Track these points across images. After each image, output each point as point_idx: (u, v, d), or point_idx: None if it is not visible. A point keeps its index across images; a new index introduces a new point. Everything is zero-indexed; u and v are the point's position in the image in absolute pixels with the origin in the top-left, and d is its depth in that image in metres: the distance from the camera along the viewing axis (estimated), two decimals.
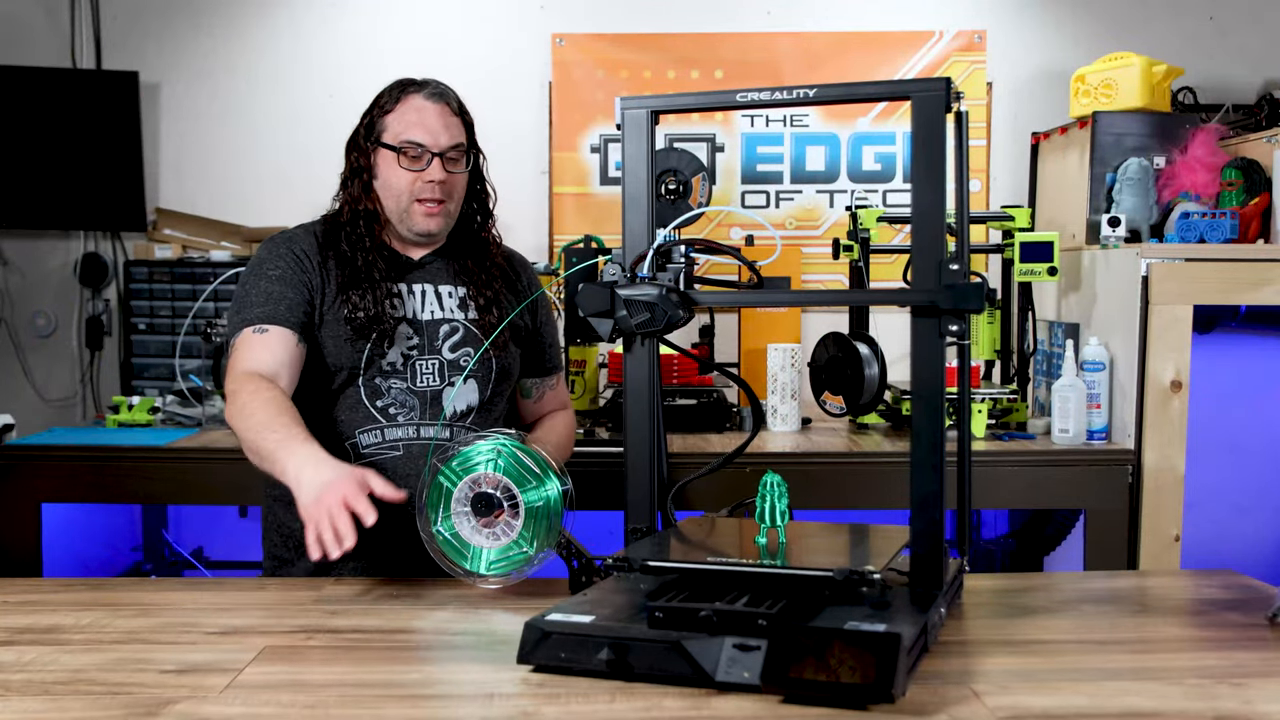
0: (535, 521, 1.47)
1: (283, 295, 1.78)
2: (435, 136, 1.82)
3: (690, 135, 3.55)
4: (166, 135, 3.61)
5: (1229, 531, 2.88)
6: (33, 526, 2.68)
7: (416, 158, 1.82)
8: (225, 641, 1.34)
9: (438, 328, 1.86)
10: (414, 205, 1.83)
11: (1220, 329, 2.82)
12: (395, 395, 1.82)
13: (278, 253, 1.83)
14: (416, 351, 1.84)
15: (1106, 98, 3.03)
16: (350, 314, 1.78)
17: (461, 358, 1.86)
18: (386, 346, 1.81)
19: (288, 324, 1.76)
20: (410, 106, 1.84)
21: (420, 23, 3.59)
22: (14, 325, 3.63)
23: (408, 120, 1.83)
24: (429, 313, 1.87)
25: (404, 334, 1.83)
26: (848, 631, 1.11)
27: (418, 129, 1.82)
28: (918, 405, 1.30)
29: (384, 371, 1.82)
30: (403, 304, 1.85)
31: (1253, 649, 1.30)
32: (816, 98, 1.35)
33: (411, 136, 1.81)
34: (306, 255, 1.83)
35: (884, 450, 2.69)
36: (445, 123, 1.84)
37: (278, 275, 1.80)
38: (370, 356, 1.80)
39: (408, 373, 1.83)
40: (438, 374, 1.84)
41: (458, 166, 1.85)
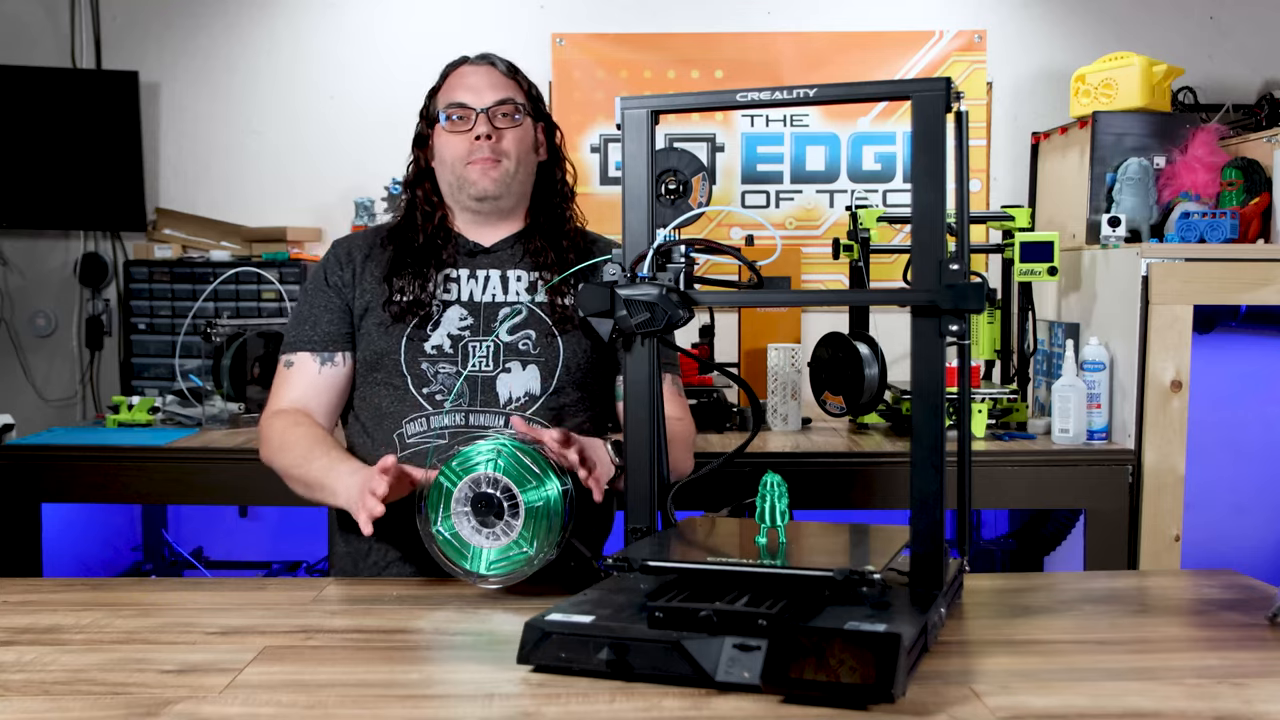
0: (535, 521, 1.46)
1: (310, 312, 1.79)
2: (478, 94, 1.76)
3: (690, 135, 3.55)
4: (166, 135, 3.61)
5: (1229, 531, 2.88)
6: (33, 526, 2.68)
7: (462, 119, 1.76)
8: (225, 641, 1.33)
9: (496, 310, 1.78)
10: (467, 168, 1.77)
11: (1220, 329, 2.83)
12: (443, 380, 1.74)
13: (325, 257, 1.85)
14: (469, 332, 1.76)
15: (1106, 98, 3.03)
16: (390, 299, 1.75)
17: (521, 340, 1.76)
18: (430, 329, 1.75)
19: (309, 346, 1.78)
20: (454, 76, 1.81)
21: (420, 23, 3.59)
22: (14, 325, 3.63)
23: (450, 86, 1.80)
24: (489, 295, 1.79)
25: (455, 316, 1.77)
26: (848, 631, 1.11)
27: (460, 90, 1.77)
28: (918, 405, 1.30)
29: (428, 355, 1.74)
30: (458, 287, 1.78)
31: (1253, 649, 1.30)
32: (816, 98, 1.35)
33: (453, 98, 1.77)
34: (350, 252, 1.82)
35: (884, 450, 2.69)
36: (491, 81, 1.78)
37: (313, 288, 1.81)
38: (410, 339, 1.74)
39: (458, 355, 1.75)
40: (491, 358, 1.75)
41: (509, 122, 1.78)
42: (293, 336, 1.81)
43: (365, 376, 1.79)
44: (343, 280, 1.80)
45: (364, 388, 1.80)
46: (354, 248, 1.83)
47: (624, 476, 1.47)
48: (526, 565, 1.48)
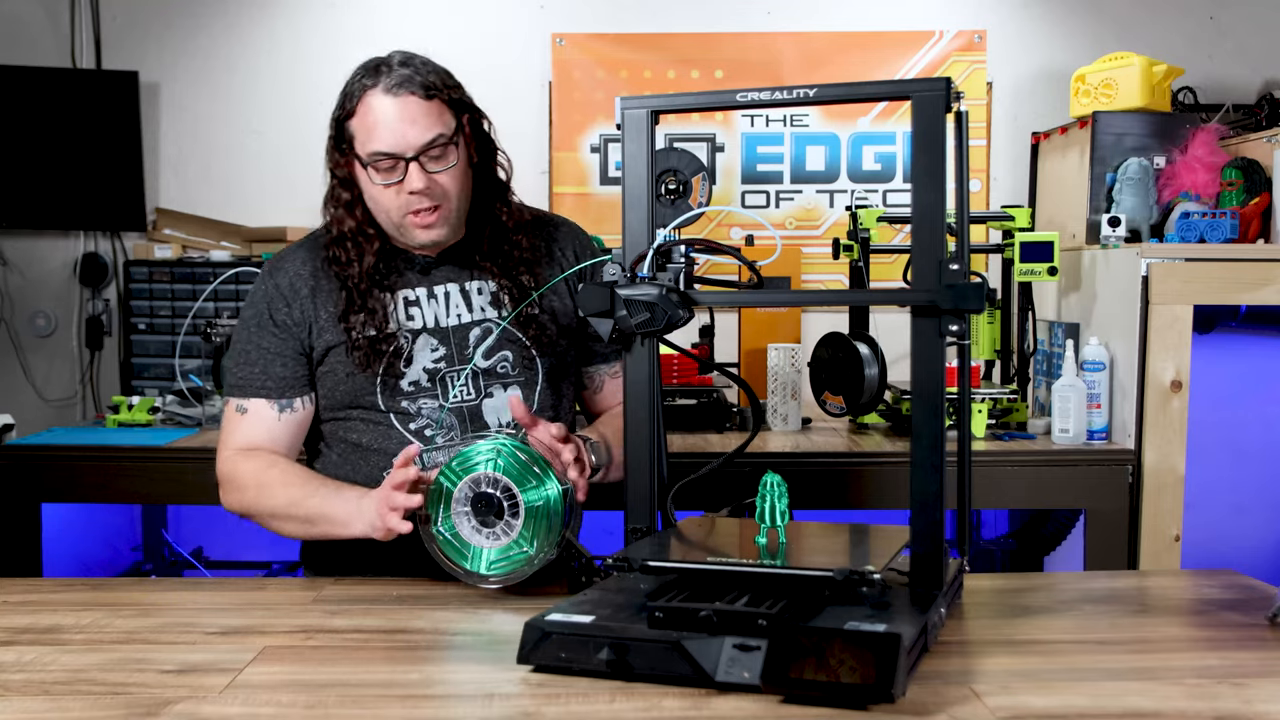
0: (535, 521, 1.46)
1: (260, 355, 1.67)
2: (403, 139, 1.56)
3: (690, 135, 3.55)
4: (166, 135, 3.61)
5: (1229, 531, 2.88)
6: (33, 526, 2.68)
7: (389, 168, 1.58)
8: (225, 641, 1.33)
9: (466, 333, 1.69)
10: (406, 220, 1.61)
11: (1220, 329, 2.82)
12: (429, 415, 1.67)
13: (263, 289, 1.69)
14: (445, 363, 1.67)
15: (1106, 98, 3.03)
16: (352, 342, 1.63)
17: (499, 363, 1.68)
18: (404, 365, 1.65)
19: (265, 393, 1.67)
20: (368, 110, 1.58)
21: (420, 23, 3.59)
22: (14, 325, 3.63)
23: (367, 127, 1.57)
24: (455, 317, 1.69)
25: (426, 346, 1.67)
26: (848, 631, 1.11)
27: (381, 136, 1.56)
28: (918, 405, 1.30)
29: (407, 393, 1.66)
30: (420, 312, 1.68)
31: (1253, 649, 1.30)
32: (816, 98, 1.35)
33: (376, 147, 1.57)
34: (292, 286, 1.67)
35: (884, 450, 2.69)
36: (413, 118, 1.56)
37: (257, 324, 1.68)
38: (385, 380, 1.65)
39: (437, 389, 1.66)
40: (471, 385, 1.67)
41: (444, 161, 1.59)
42: (242, 379, 1.68)
43: (336, 413, 1.70)
44: (292, 319, 1.67)
45: (334, 423, 1.72)
46: (296, 279, 1.68)
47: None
48: (527, 565, 1.48)
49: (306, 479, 1.63)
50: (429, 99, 1.58)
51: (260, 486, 1.64)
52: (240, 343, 1.70)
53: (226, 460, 1.69)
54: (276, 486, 1.63)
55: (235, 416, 1.70)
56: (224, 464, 1.70)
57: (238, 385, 1.70)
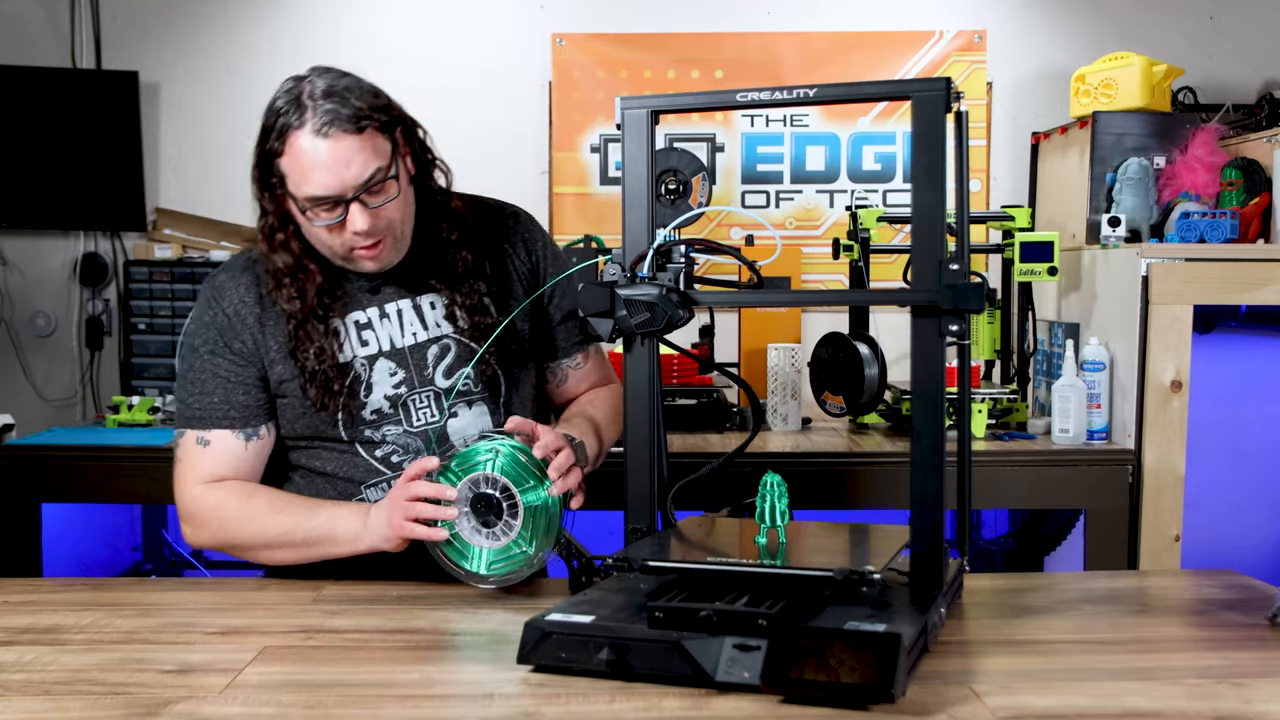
0: (534, 521, 1.47)
1: (216, 385, 1.59)
2: (340, 181, 1.47)
3: (690, 135, 3.55)
4: (166, 135, 3.61)
5: (1229, 531, 2.88)
6: (33, 526, 2.68)
7: (329, 208, 1.49)
8: (225, 641, 1.33)
9: (424, 351, 1.63)
10: (352, 254, 1.55)
11: (1220, 329, 2.83)
12: (394, 440, 1.62)
13: (209, 315, 1.61)
14: (405, 386, 1.61)
15: (1106, 98, 3.03)
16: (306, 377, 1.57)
17: (460, 382, 1.63)
18: (365, 394, 1.60)
19: (228, 423, 1.60)
20: (298, 152, 1.47)
21: (420, 23, 3.59)
22: (14, 325, 3.63)
23: (300, 170, 1.48)
24: (410, 336, 1.63)
25: (384, 370, 1.61)
26: (848, 631, 1.11)
27: (316, 178, 1.47)
28: (918, 405, 1.30)
29: (369, 421, 1.60)
30: (374, 335, 1.61)
31: (1253, 649, 1.30)
32: (816, 98, 1.35)
33: (313, 191, 1.47)
34: (239, 314, 1.60)
35: (884, 450, 2.69)
36: (348, 158, 1.47)
37: (208, 351, 1.61)
38: (346, 410, 1.59)
39: (399, 414, 1.61)
40: (434, 407, 1.62)
41: (385, 194, 1.51)
42: (201, 410, 1.60)
43: (298, 442, 1.65)
44: (246, 347, 1.60)
45: (299, 452, 1.66)
46: (242, 307, 1.61)
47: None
48: (525, 565, 1.48)
49: (297, 503, 1.59)
50: (360, 131, 1.48)
51: (244, 517, 1.58)
52: (194, 371, 1.61)
53: (192, 495, 1.60)
54: (265, 515, 1.57)
55: (197, 449, 1.60)
56: (190, 499, 1.60)
57: (197, 417, 1.60)
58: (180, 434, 1.62)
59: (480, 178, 1.87)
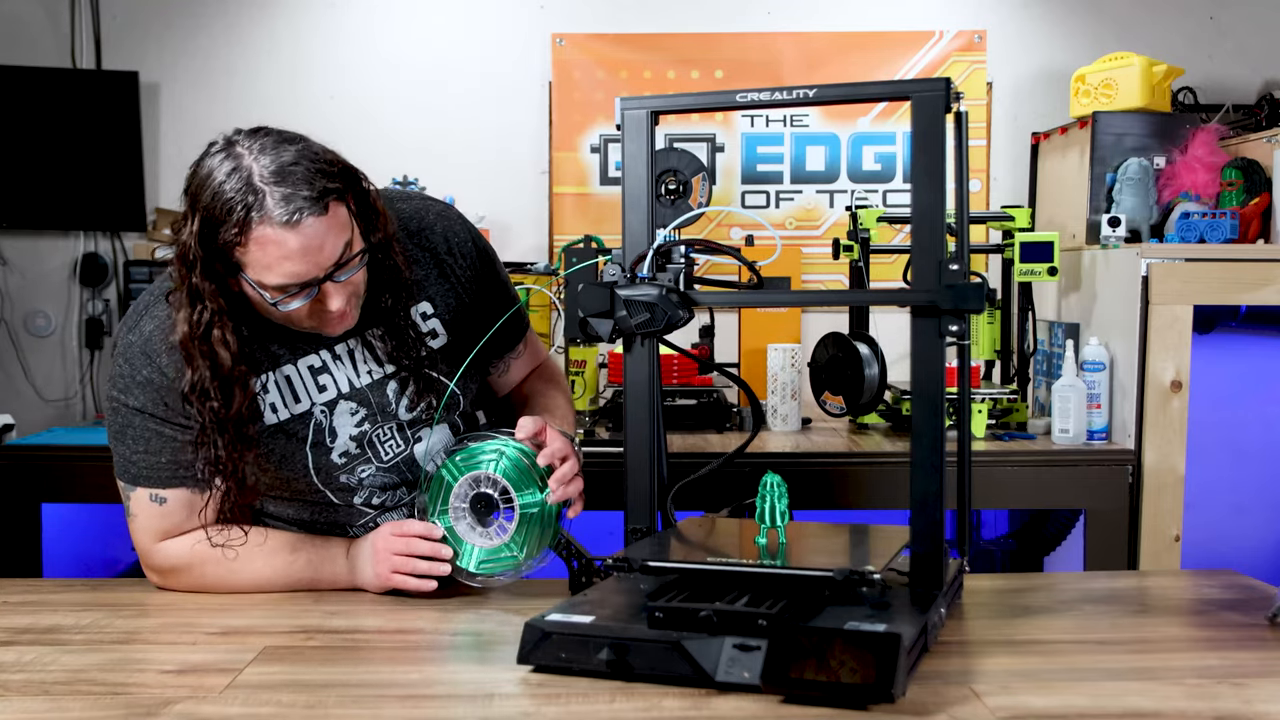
0: (529, 527, 1.47)
1: (162, 445, 1.48)
2: (315, 265, 1.36)
3: (690, 135, 3.55)
4: (166, 135, 3.61)
5: (1229, 531, 2.88)
6: (33, 526, 2.68)
7: (300, 291, 1.39)
8: (225, 641, 1.33)
9: (383, 387, 1.56)
10: (321, 323, 1.46)
11: (1220, 329, 2.83)
12: (369, 482, 1.57)
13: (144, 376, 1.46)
14: (368, 424, 1.55)
15: (1106, 98, 3.03)
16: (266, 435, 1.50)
17: (421, 411, 1.57)
18: (330, 440, 1.53)
19: (183, 481, 1.49)
20: (264, 243, 1.34)
21: (420, 23, 3.59)
22: (14, 325, 3.63)
23: (266, 262, 1.35)
24: (366, 374, 1.55)
25: (345, 411, 1.53)
26: (848, 631, 1.11)
27: (289, 267, 1.35)
28: (918, 405, 1.30)
29: (340, 466, 1.55)
30: (330, 378, 1.53)
31: (1253, 649, 1.30)
32: (816, 98, 1.35)
33: (285, 280, 1.36)
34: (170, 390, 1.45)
35: (884, 450, 2.69)
36: (320, 243, 1.36)
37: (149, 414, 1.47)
38: (314, 462, 1.53)
39: (368, 452, 1.56)
40: (400, 438, 1.57)
41: (354, 264, 1.41)
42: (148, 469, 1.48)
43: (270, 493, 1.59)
44: (188, 414, 1.44)
45: (273, 502, 1.62)
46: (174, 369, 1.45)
47: None
48: (514, 570, 1.48)
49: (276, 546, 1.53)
50: (325, 211, 1.36)
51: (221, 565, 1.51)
52: (134, 429, 1.48)
53: (156, 549, 1.51)
54: (243, 563, 1.51)
55: (151, 507, 1.50)
56: (154, 552, 1.51)
57: (145, 476, 1.49)
58: (130, 489, 1.51)
59: (480, 178, 1.86)
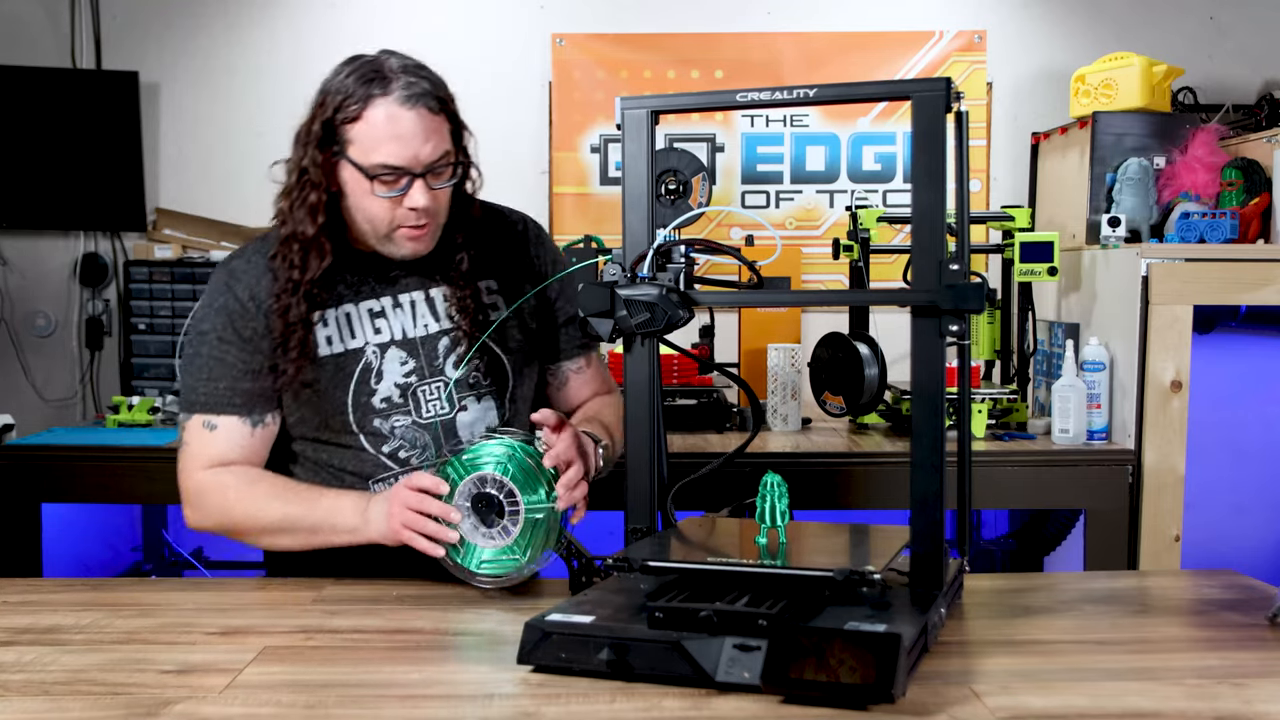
0: (533, 530, 1.46)
1: (224, 371, 1.58)
2: (416, 154, 1.50)
3: (690, 135, 3.55)
4: (166, 135, 3.61)
5: (1229, 531, 2.88)
6: (33, 526, 2.68)
7: (393, 180, 1.51)
8: (225, 641, 1.33)
9: (436, 343, 1.63)
10: (396, 232, 1.55)
11: (1220, 329, 2.83)
12: (402, 434, 1.61)
13: (221, 301, 1.60)
14: (415, 376, 1.61)
15: (1106, 98, 3.03)
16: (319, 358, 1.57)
17: (470, 374, 1.63)
18: (375, 381, 1.59)
19: (234, 409, 1.58)
20: (381, 117, 1.48)
21: (420, 23, 3.59)
22: (14, 325, 3.63)
23: (378, 136, 1.49)
24: (422, 327, 1.63)
25: (395, 359, 1.61)
26: (848, 632, 1.11)
27: (394, 149, 1.49)
28: (918, 405, 1.30)
29: (378, 410, 1.60)
30: (386, 323, 1.62)
31: (1253, 649, 1.30)
32: (816, 98, 1.35)
33: (385, 159, 1.49)
34: (253, 297, 1.59)
35: (884, 450, 2.69)
36: (426, 132, 1.50)
37: (216, 337, 1.59)
38: (356, 397, 1.59)
39: (409, 404, 1.61)
40: (446, 400, 1.62)
41: (444, 178, 1.54)
42: (207, 395, 1.58)
43: (305, 432, 1.64)
44: (256, 332, 1.58)
45: (305, 443, 1.66)
46: (255, 290, 1.60)
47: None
48: (516, 572, 1.48)
49: (299, 491, 1.58)
50: (438, 113, 1.52)
51: (248, 502, 1.57)
52: (201, 356, 1.60)
53: (196, 479, 1.59)
54: (268, 500, 1.56)
55: (203, 433, 1.59)
56: (194, 482, 1.59)
57: (202, 402, 1.59)
58: (186, 418, 1.61)
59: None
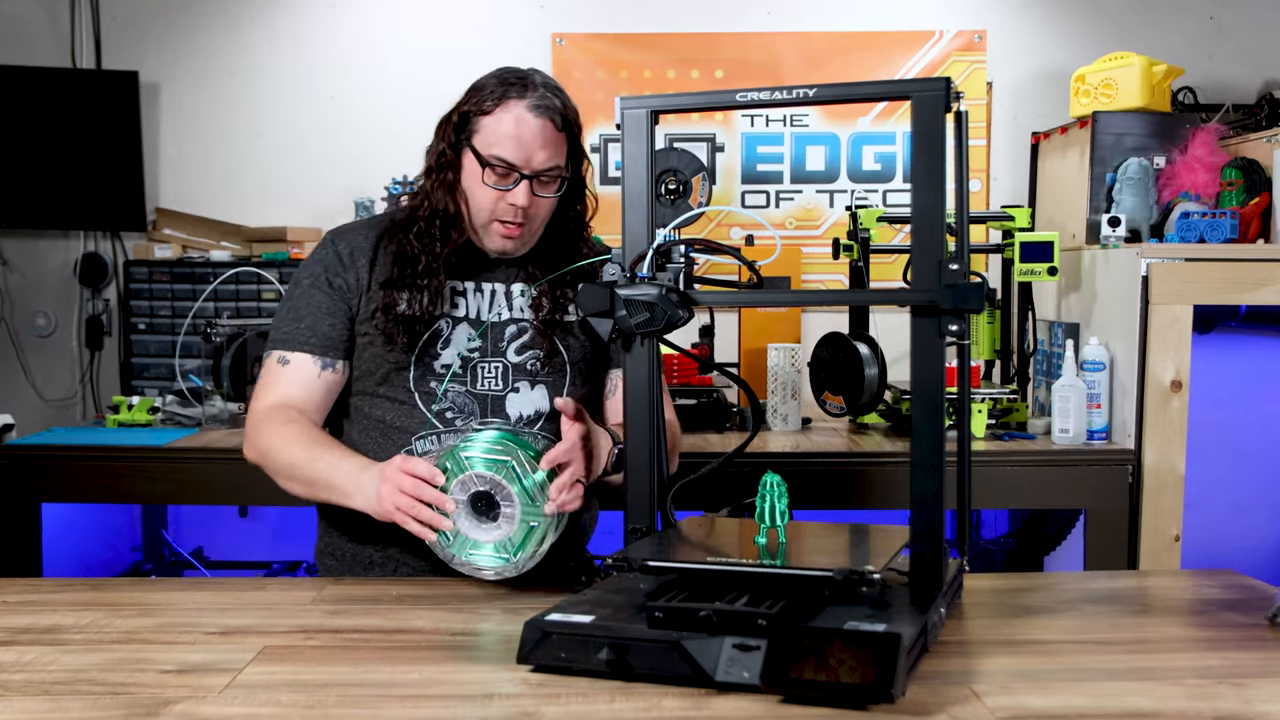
0: (527, 533, 1.46)
1: (308, 311, 1.71)
2: (529, 156, 1.64)
3: (690, 135, 3.55)
4: (166, 135, 3.61)
5: (1229, 531, 2.88)
6: (33, 526, 2.68)
7: (503, 174, 1.65)
8: (225, 641, 1.33)
9: (503, 329, 1.74)
10: (492, 224, 1.68)
11: (1220, 329, 2.83)
12: (453, 399, 1.70)
13: (321, 254, 1.75)
14: (478, 354, 1.72)
15: (1106, 98, 3.03)
16: (397, 313, 1.68)
17: (529, 360, 1.73)
18: (440, 347, 1.70)
19: (309, 348, 1.70)
20: (509, 116, 1.64)
21: (420, 23, 3.59)
22: (14, 325, 3.63)
23: (502, 131, 1.64)
24: (495, 314, 1.74)
25: (464, 334, 1.72)
26: (848, 631, 1.11)
27: (511, 145, 1.64)
28: (918, 405, 1.30)
29: (438, 374, 1.70)
30: (465, 303, 1.73)
31: (1253, 649, 1.30)
32: (816, 98, 1.35)
33: (502, 153, 1.64)
34: (353, 254, 1.73)
35: (884, 450, 2.69)
36: (544, 140, 1.65)
37: (310, 283, 1.72)
38: (421, 357, 1.70)
39: (467, 376, 1.71)
40: (500, 378, 1.72)
41: (549, 189, 1.68)
42: (287, 333, 1.72)
43: (365, 387, 1.73)
44: (347, 285, 1.72)
45: (362, 398, 1.74)
46: (356, 249, 1.74)
47: (624, 475, 1.47)
48: (510, 567, 1.48)
49: (315, 441, 1.63)
50: (560, 130, 1.67)
51: (277, 439, 1.64)
52: (291, 300, 1.74)
53: (257, 410, 1.70)
54: (287, 443, 1.63)
55: (276, 369, 1.71)
56: (254, 413, 1.71)
57: (282, 339, 1.72)
58: (266, 355, 1.73)
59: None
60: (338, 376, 1.73)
